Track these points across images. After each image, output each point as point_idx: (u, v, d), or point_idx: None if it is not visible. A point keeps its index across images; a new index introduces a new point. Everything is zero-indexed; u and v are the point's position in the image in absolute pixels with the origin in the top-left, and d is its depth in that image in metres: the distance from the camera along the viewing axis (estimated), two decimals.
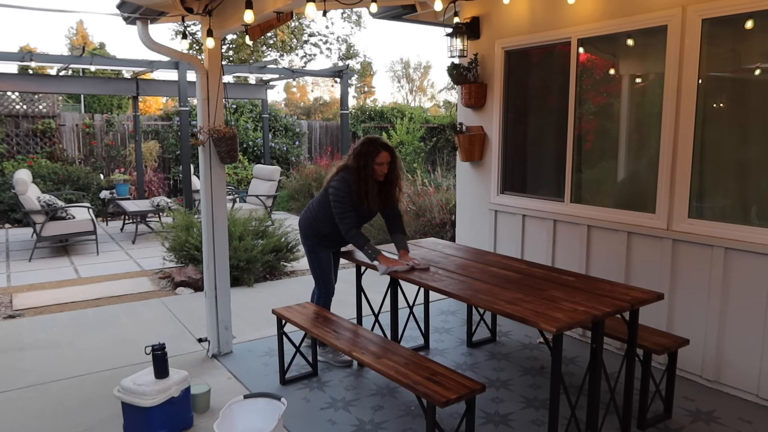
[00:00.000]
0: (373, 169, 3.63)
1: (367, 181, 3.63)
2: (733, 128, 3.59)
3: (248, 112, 13.50)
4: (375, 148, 3.64)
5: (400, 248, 3.74)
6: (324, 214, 3.83)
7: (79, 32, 28.59)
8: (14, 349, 4.46)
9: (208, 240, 4.17)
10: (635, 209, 4.07)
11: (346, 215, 3.64)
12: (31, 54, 8.19)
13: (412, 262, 3.53)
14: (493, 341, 4.50)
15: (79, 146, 11.83)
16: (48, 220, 7.45)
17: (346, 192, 3.65)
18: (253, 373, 3.97)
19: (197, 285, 6.01)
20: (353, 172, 3.65)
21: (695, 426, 3.24)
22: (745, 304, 3.49)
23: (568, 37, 4.37)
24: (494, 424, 3.25)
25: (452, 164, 12.18)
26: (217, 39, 3.95)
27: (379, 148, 3.64)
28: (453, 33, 5.05)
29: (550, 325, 2.51)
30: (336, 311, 4.04)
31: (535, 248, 4.85)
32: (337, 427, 3.24)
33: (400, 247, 3.74)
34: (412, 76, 36.49)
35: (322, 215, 3.85)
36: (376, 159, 3.63)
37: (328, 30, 24.93)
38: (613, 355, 4.09)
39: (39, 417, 3.40)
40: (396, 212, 3.90)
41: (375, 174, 3.66)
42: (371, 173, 3.63)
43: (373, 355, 3.08)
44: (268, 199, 9.29)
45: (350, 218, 3.65)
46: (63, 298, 5.76)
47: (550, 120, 4.74)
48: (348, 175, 3.67)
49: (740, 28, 3.46)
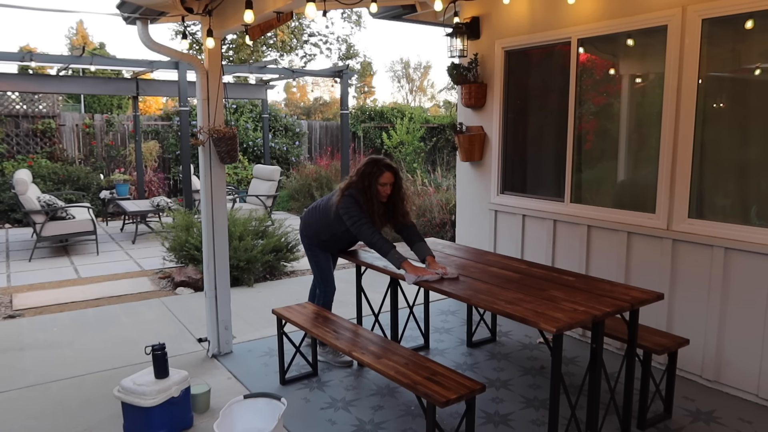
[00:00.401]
0: (377, 190, 3.61)
1: (372, 201, 3.60)
2: (733, 128, 3.59)
3: (248, 112, 13.50)
4: (378, 168, 3.60)
5: (426, 255, 3.55)
6: (325, 222, 3.85)
7: (79, 32, 28.58)
8: (14, 349, 4.46)
9: (208, 240, 4.17)
10: (635, 209, 4.07)
11: (363, 223, 3.54)
12: (31, 54, 8.18)
13: (441, 271, 3.30)
14: (493, 341, 4.50)
15: (79, 146, 11.83)
16: (48, 220, 7.45)
17: (358, 207, 3.58)
18: (253, 373, 3.97)
19: (197, 285, 6.01)
20: (359, 192, 3.61)
21: (695, 426, 3.24)
22: (745, 304, 3.49)
23: (568, 37, 4.37)
24: (494, 424, 3.25)
25: (452, 164, 12.20)
26: (217, 39, 3.95)
27: (382, 168, 3.60)
28: (453, 33, 5.05)
29: (550, 325, 2.51)
30: (336, 311, 4.05)
31: (535, 248, 4.85)
32: (337, 427, 3.24)
33: (426, 254, 3.55)
34: (412, 76, 36.48)
35: (324, 223, 3.86)
36: (379, 179, 3.59)
37: (328, 30, 24.94)
38: (613, 355, 4.09)
39: (39, 417, 3.40)
40: (410, 226, 3.78)
41: (378, 195, 3.63)
42: (375, 194, 3.61)
43: (373, 355, 3.08)
44: (268, 199, 9.29)
45: (368, 226, 3.53)
46: (63, 298, 5.76)
47: (550, 120, 4.74)
48: (355, 191, 3.62)
49: (740, 28, 3.46)
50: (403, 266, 3.34)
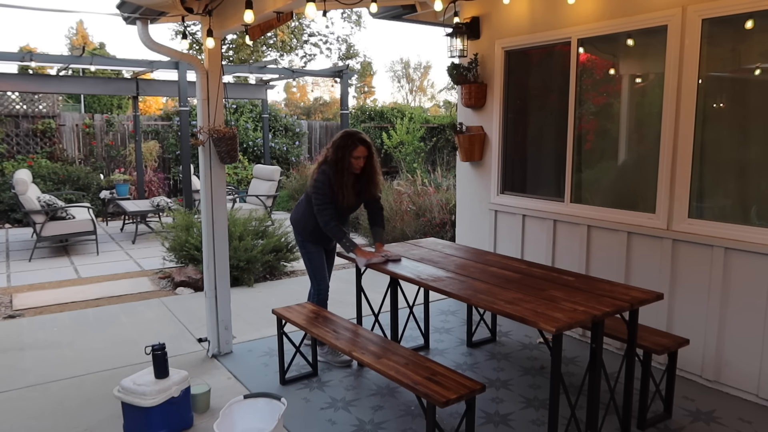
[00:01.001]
0: (350, 162, 3.76)
1: (344, 173, 3.75)
2: (733, 128, 3.59)
3: (248, 112, 13.50)
4: (353, 141, 3.76)
5: (376, 241, 3.96)
6: (309, 210, 3.94)
7: (79, 32, 28.59)
8: (14, 349, 4.46)
9: (208, 240, 4.17)
10: (635, 209, 4.07)
11: (325, 208, 3.76)
12: (31, 54, 8.19)
13: (387, 255, 3.75)
14: (493, 341, 4.50)
15: (79, 146, 11.83)
16: (48, 220, 7.45)
17: (326, 185, 3.76)
18: (253, 373, 3.97)
19: (197, 285, 6.01)
20: (332, 164, 3.77)
21: (695, 426, 3.24)
22: (745, 304, 3.49)
23: (568, 37, 4.37)
24: (494, 424, 3.25)
25: (452, 164, 12.18)
26: (217, 39, 3.95)
27: (356, 142, 3.76)
28: (453, 33, 5.05)
29: (549, 325, 2.51)
30: (336, 311, 4.05)
31: (535, 248, 4.85)
32: (337, 427, 3.24)
33: (377, 240, 3.96)
34: (412, 76, 36.49)
35: (309, 210, 3.94)
36: (353, 152, 3.75)
37: (328, 30, 24.93)
38: (613, 355, 4.09)
39: (39, 417, 3.40)
40: (378, 205, 4.06)
41: (351, 167, 3.78)
42: (348, 166, 3.75)
43: (373, 355, 3.08)
44: (268, 199, 9.29)
45: (329, 211, 3.77)
46: (63, 298, 5.76)
47: (550, 120, 4.74)
48: (328, 167, 3.78)
49: (740, 28, 3.46)
50: (354, 252, 3.74)
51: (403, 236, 7.65)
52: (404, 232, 7.70)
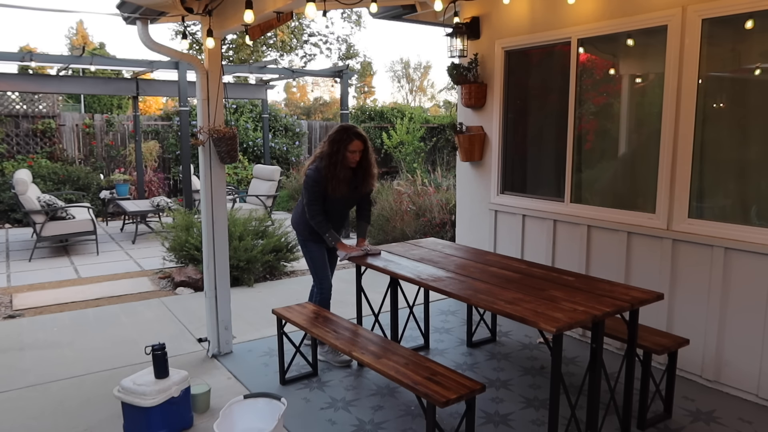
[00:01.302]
0: (345, 156, 3.79)
1: (338, 166, 3.78)
2: (733, 128, 3.59)
3: (248, 112, 13.50)
4: (348, 136, 3.80)
5: (359, 236, 4.10)
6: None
7: (79, 32, 28.59)
8: (14, 349, 4.46)
9: (208, 240, 4.17)
10: (635, 209, 4.07)
11: (314, 202, 3.84)
12: (31, 54, 8.18)
13: (366, 249, 3.90)
14: (493, 341, 4.50)
15: (79, 146, 11.83)
16: (48, 220, 7.45)
17: (317, 181, 3.81)
18: (253, 373, 3.97)
19: (197, 285, 6.01)
20: (326, 158, 3.80)
21: (695, 426, 3.24)
22: (745, 304, 3.49)
23: (568, 37, 4.37)
24: (494, 424, 3.25)
25: (452, 164, 12.18)
26: (217, 39, 3.95)
27: (352, 136, 3.80)
28: (453, 33, 5.04)
29: (549, 325, 2.51)
30: (336, 311, 4.05)
31: (535, 248, 4.85)
32: (337, 427, 3.24)
33: (359, 235, 4.10)
34: (412, 76, 36.48)
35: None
36: (348, 146, 3.78)
37: (328, 30, 24.92)
38: (613, 355, 4.09)
39: (39, 417, 3.40)
40: (367, 200, 4.14)
41: (346, 161, 3.81)
42: (342, 159, 3.79)
43: (373, 355, 3.08)
44: (268, 199, 9.29)
45: (317, 205, 3.85)
46: (63, 298, 5.76)
47: (550, 120, 4.74)
48: (321, 162, 3.82)
49: (740, 28, 3.46)
50: (336, 245, 3.88)
51: (403, 236, 7.65)
52: (404, 232, 7.70)
